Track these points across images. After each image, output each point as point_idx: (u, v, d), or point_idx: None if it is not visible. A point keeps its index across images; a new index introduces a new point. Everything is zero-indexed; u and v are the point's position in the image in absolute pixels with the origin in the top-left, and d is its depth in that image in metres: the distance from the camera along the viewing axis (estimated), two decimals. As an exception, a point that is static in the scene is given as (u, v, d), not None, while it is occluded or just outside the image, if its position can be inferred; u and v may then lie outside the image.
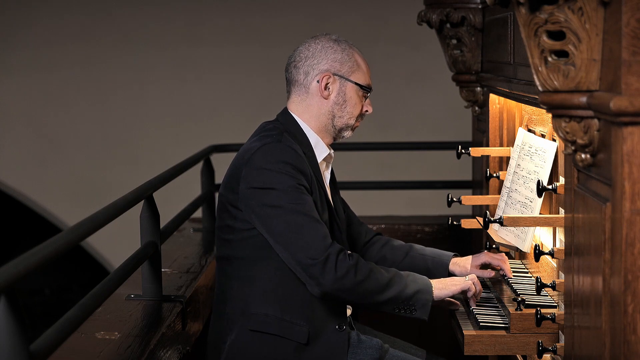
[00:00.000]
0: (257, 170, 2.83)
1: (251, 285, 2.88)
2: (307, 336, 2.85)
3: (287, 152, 2.84)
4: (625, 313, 1.99)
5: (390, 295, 2.85)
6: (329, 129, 2.99)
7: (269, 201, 2.80)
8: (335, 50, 2.97)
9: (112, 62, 7.99)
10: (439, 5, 3.87)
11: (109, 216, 2.58)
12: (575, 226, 2.33)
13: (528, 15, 2.13)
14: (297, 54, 3.00)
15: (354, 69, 2.98)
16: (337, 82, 2.96)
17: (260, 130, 2.98)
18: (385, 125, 7.53)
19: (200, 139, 6.48)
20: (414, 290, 2.87)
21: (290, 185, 2.80)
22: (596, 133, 2.11)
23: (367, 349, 2.96)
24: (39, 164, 8.03)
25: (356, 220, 3.30)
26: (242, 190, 2.84)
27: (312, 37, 3.03)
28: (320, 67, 2.96)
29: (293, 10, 7.91)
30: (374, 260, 3.22)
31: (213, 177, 4.46)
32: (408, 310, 2.87)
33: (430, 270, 3.15)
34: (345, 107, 2.97)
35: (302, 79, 2.97)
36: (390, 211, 5.47)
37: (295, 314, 2.86)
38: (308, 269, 2.79)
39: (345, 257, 2.80)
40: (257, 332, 2.86)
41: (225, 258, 2.94)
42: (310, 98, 2.97)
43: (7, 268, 1.84)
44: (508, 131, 3.58)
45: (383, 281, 2.84)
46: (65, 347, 2.28)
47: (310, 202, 2.83)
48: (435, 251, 3.23)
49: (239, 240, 2.89)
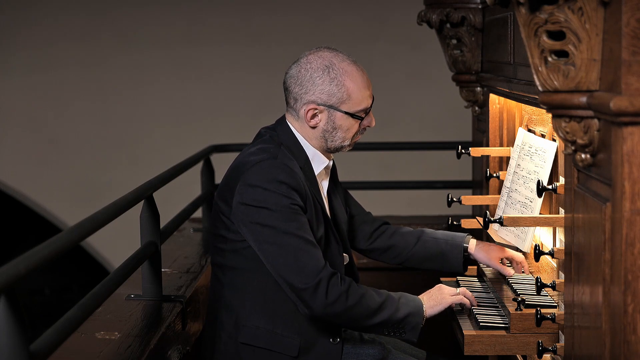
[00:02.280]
0: (251, 187, 2.79)
1: (243, 296, 2.86)
2: (298, 349, 2.83)
3: (282, 170, 2.79)
4: (625, 313, 1.99)
5: (380, 319, 2.83)
6: (323, 148, 2.94)
7: (261, 220, 2.77)
8: (324, 81, 2.85)
9: (112, 62, 7.99)
10: (439, 5, 3.86)
11: (109, 216, 2.58)
12: (575, 226, 2.33)
13: (528, 15, 2.13)
14: (288, 77, 2.90)
15: (343, 100, 2.86)
16: (325, 112, 2.87)
17: (259, 141, 2.93)
18: (385, 125, 7.51)
19: (200, 139, 6.48)
20: (405, 314, 2.84)
21: (284, 205, 2.76)
22: (596, 133, 2.11)
23: (369, 349, 2.95)
24: (39, 164, 8.03)
25: (362, 210, 3.26)
26: (235, 204, 2.81)
27: (307, 55, 2.90)
28: (307, 97, 2.87)
29: (293, 10, 7.90)
30: (385, 247, 3.21)
31: (213, 177, 4.46)
32: (397, 332, 2.86)
33: (445, 254, 3.14)
34: (336, 133, 2.90)
35: (293, 103, 2.90)
36: (390, 211, 5.47)
37: (286, 327, 2.83)
38: (299, 292, 2.76)
39: (337, 281, 2.77)
40: (248, 345, 2.84)
41: (219, 266, 2.92)
42: (301, 122, 2.91)
43: (7, 268, 1.84)
44: (508, 131, 3.58)
45: (374, 306, 2.81)
46: (65, 347, 2.28)
47: (304, 222, 2.79)
48: (448, 233, 3.21)
49: (232, 251, 2.86)
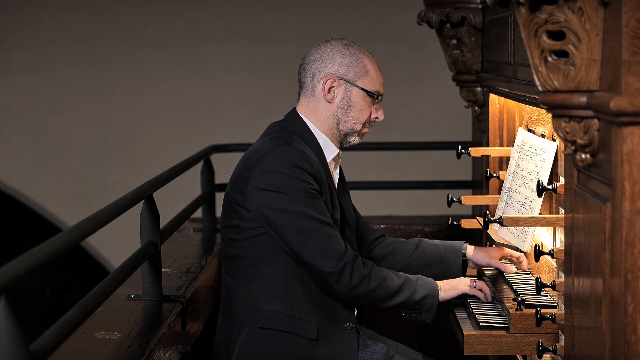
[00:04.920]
0: (268, 172, 2.81)
1: (259, 284, 2.88)
2: (317, 332, 2.86)
3: (298, 155, 2.83)
4: (625, 313, 1.99)
5: (399, 300, 2.90)
6: (334, 133, 2.98)
7: (280, 205, 2.80)
8: (344, 54, 2.95)
9: (112, 62, 7.99)
10: (439, 5, 3.86)
11: (109, 216, 2.58)
12: (575, 226, 2.33)
13: (528, 15, 2.13)
14: (307, 57, 2.99)
15: (360, 74, 2.96)
16: (342, 87, 2.94)
17: (270, 132, 2.96)
18: (385, 125, 7.47)
19: (200, 139, 6.47)
20: (422, 296, 2.92)
21: (303, 189, 2.80)
22: (596, 133, 2.11)
23: (372, 353, 2.97)
24: (39, 164, 8.03)
25: (363, 219, 3.29)
26: (250, 190, 2.83)
27: (325, 40, 3.01)
28: (326, 70, 2.94)
29: (293, 10, 7.90)
30: (384, 254, 3.24)
31: (213, 177, 4.46)
32: (414, 313, 2.93)
33: (443, 258, 3.17)
34: (349, 111, 2.96)
35: (309, 81, 2.96)
36: (391, 211, 5.47)
37: (303, 310, 2.86)
38: (325, 276, 2.81)
39: (360, 265, 2.83)
40: (268, 329, 2.86)
41: (232, 257, 2.94)
42: (316, 101, 2.96)
43: (7, 268, 1.84)
44: (508, 131, 3.58)
45: (394, 288, 2.89)
46: (65, 347, 2.28)
47: (322, 206, 2.83)
48: (446, 242, 3.26)
49: (246, 239, 2.88)
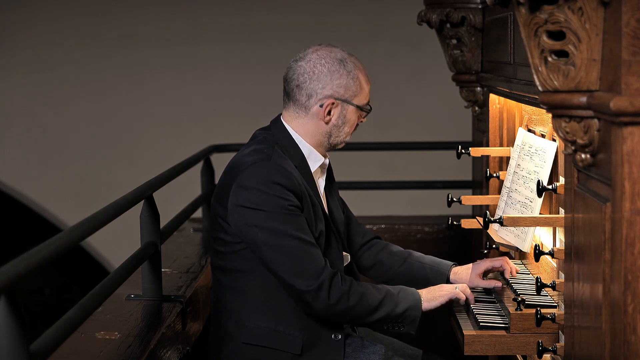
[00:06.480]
0: (246, 189, 2.79)
1: (244, 297, 2.87)
2: (301, 346, 2.84)
3: (276, 171, 2.79)
4: (625, 313, 1.99)
5: (381, 315, 2.85)
6: (323, 144, 2.95)
7: (259, 222, 2.77)
8: (341, 75, 2.89)
9: (112, 61, 7.99)
10: (439, 5, 3.86)
11: (109, 216, 2.58)
12: (575, 226, 2.33)
13: (528, 15, 2.13)
14: (300, 71, 2.90)
15: (357, 93, 2.91)
16: (339, 106, 2.90)
17: (253, 141, 2.94)
18: (385, 125, 7.52)
19: (200, 139, 6.47)
20: (404, 308, 2.87)
21: (281, 207, 2.77)
22: (596, 133, 2.11)
23: (370, 354, 2.95)
24: (39, 164, 8.03)
25: (354, 220, 3.27)
26: (231, 206, 2.82)
27: (315, 51, 2.92)
28: (325, 92, 2.88)
29: (293, 10, 7.90)
30: (371, 264, 3.21)
31: (213, 177, 4.46)
32: (397, 326, 2.89)
33: (429, 279, 3.13)
34: (343, 127, 2.93)
35: (304, 100, 2.90)
36: (390, 211, 5.47)
37: (288, 325, 2.84)
38: (301, 294, 2.78)
39: (338, 282, 2.79)
40: (251, 345, 2.85)
41: (219, 268, 2.93)
42: (309, 119, 2.92)
43: (7, 268, 1.84)
44: (508, 131, 3.58)
45: (374, 303, 2.84)
46: (65, 347, 2.28)
47: (301, 223, 2.79)
48: (435, 259, 3.20)
49: (230, 253, 2.87)
